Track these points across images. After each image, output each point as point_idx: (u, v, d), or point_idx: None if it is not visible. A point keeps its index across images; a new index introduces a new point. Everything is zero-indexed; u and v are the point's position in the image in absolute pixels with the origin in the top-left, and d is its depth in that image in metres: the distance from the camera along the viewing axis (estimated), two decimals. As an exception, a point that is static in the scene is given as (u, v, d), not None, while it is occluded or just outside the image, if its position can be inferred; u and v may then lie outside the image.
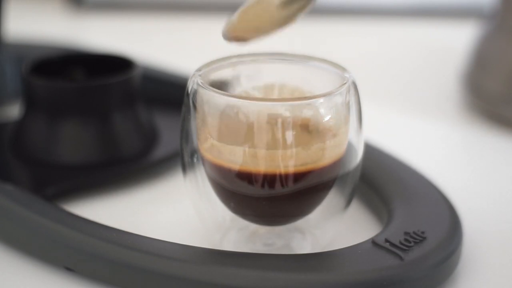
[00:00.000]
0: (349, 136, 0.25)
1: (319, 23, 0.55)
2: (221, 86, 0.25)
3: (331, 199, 0.25)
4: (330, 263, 0.23)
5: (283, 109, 0.23)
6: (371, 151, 0.30)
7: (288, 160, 0.23)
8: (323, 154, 0.23)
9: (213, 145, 0.24)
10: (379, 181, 0.28)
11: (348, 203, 0.26)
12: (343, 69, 0.25)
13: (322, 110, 0.23)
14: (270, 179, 0.23)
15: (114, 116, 0.30)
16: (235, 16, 0.26)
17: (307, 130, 0.23)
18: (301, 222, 0.26)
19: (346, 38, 0.53)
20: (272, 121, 0.23)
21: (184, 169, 0.26)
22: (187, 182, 0.26)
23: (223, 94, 0.23)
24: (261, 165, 0.23)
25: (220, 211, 0.26)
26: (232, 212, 0.25)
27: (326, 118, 0.23)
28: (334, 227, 0.26)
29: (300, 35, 0.54)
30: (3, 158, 0.31)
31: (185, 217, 0.28)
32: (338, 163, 0.24)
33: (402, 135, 0.36)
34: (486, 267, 0.25)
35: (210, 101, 0.24)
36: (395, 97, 0.41)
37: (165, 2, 0.57)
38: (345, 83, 0.24)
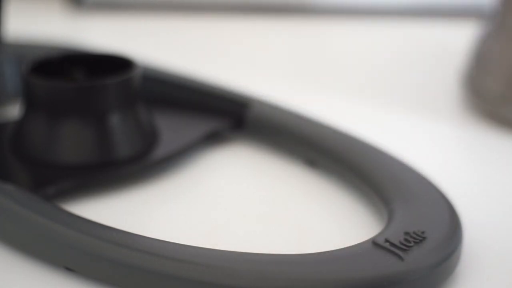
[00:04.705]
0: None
1: (318, 23, 0.55)
2: None
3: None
4: (330, 263, 0.23)
5: None
6: (371, 151, 0.30)
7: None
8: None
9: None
10: (379, 181, 0.28)
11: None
12: None
13: None
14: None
15: (114, 116, 0.30)
16: None
17: None
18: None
19: (346, 38, 0.53)
20: None
21: None
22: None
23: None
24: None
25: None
26: None
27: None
28: (334, 227, 0.26)
29: (300, 35, 0.54)
30: (3, 158, 0.31)
31: (185, 217, 0.28)
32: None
33: (402, 135, 0.36)
34: (486, 267, 0.25)
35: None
36: (395, 97, 0.41)
37: (165, 2, 0.57)
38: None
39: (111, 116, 0.30)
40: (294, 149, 0.32)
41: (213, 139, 0.33)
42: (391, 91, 0.42)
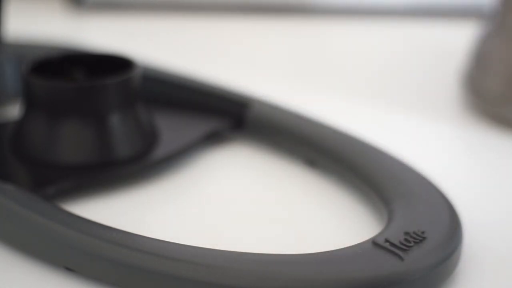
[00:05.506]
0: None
1: (318, 23, 0.55)
2: None
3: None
4: (330, 263, 0.23)
5: None
6: (371, 151, 0.30)
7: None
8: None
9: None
10: (379, 181, 0.28)
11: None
12: None
13: None
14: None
15: (114, 116, 0.30)
16: None
17: None
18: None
19: (346, 38, 0.53)
20: None
21: None
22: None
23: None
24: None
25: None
26: None
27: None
28: (334, 227, 0.26)
29: (300, 35, 0.54)
30: (3, 158, 0.31)
31: (185, 217, 0.28)
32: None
33: (402, 135, 0.36)
34: (486, 267, 0.25)
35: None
36: (395, 97, 0.41)
37: (165, 2, 0.57)
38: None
39: (111, 116, 0.30)
40: (294, 149, 0.32)
41: (213, 139, 0.33)
42: (391, 91, 0.42)
